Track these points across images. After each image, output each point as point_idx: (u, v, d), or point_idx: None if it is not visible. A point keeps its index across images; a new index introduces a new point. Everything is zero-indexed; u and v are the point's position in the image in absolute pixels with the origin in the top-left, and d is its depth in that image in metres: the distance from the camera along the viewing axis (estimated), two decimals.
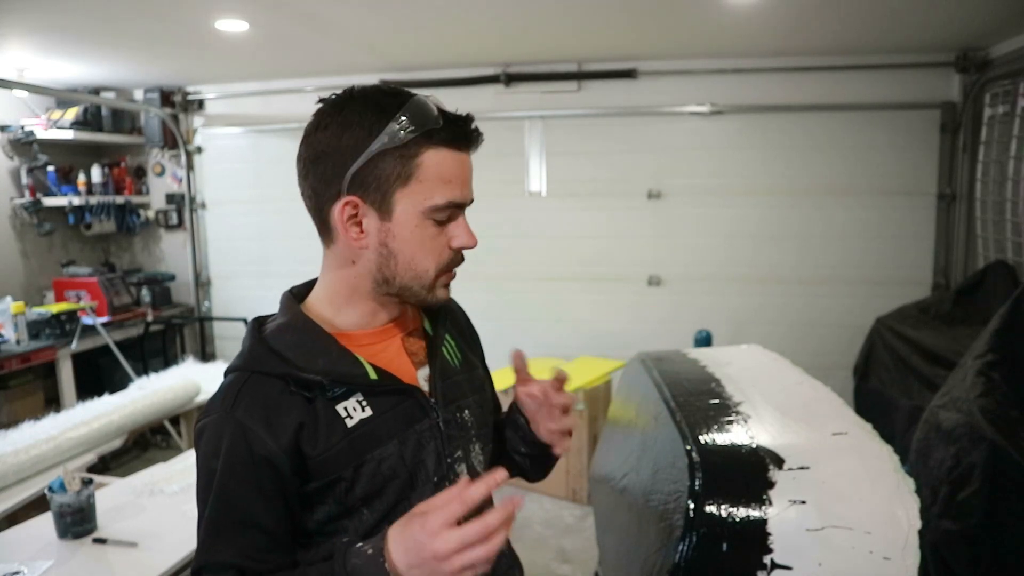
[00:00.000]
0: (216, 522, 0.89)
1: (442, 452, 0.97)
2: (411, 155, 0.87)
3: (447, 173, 0.89)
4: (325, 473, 0.89)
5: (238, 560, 0.87)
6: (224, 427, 0.88)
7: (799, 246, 4.07)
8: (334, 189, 0.89)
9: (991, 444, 1.82)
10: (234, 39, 3.39)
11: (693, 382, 1.86)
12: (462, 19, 3.19)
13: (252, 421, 0.87)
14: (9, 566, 1.70)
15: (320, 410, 0.90)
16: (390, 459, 0.92)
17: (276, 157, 4.59)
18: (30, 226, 4.28)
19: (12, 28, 3.08)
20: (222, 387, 0.93)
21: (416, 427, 0.95)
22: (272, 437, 0.87)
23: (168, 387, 3.24)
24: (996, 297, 3.00)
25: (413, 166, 0.87)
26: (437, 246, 0.92)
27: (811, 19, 3.16)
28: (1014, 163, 3.30)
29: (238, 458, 0.87)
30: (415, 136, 0.86)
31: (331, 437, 0.89)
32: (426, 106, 0.88)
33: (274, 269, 4.70)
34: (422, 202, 0.89)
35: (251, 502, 0.88)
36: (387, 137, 0.86)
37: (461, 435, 1.01)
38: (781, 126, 4.00)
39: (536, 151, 4.27)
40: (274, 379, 0.90)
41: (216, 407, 0.91)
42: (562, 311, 4.38)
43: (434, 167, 0.88)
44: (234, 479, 0.88)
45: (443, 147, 0.88)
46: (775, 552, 1.28)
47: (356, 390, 0.92)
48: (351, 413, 0.91)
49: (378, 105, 0.88)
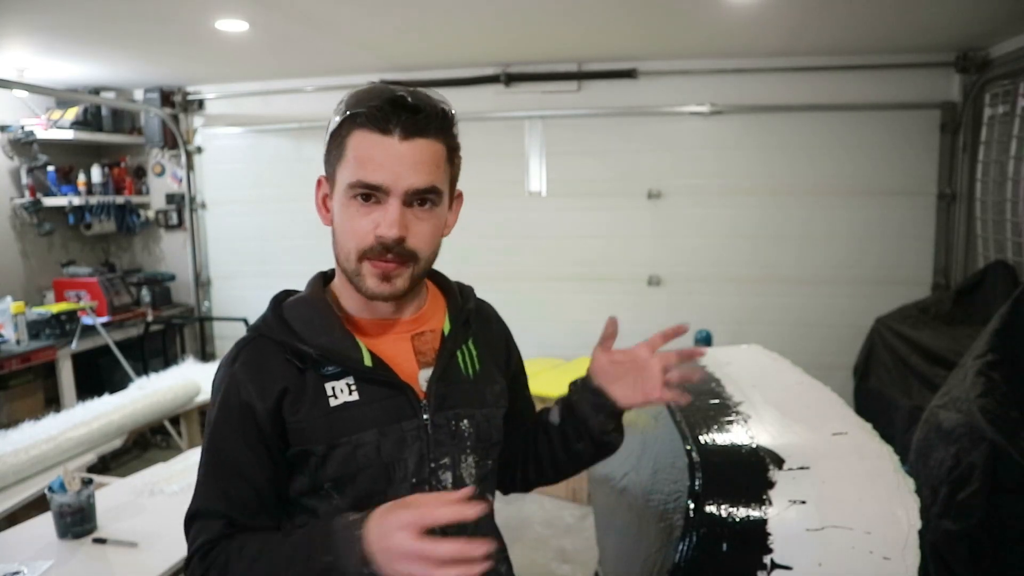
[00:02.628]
0: (209, 467, 0.96)
1: (426, 455, 0.97)
2: (344, 135, 0.93)
3: (364, 154, 0.91)
4: (299, 442, 0.94)
5: (227, 510, 0.93)
6: (223, 379, 0.97)
7: (799, 246, 4.07)
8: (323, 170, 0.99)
9: (991, 444, 1.82)
10: (234, 39, 3.39)
11: (693, 382, 1.85)
12: (462, 19, 3.19)
13: (245, 376, 0.95)
14: (9, 566, 1.70)
15: (309, 383, 0.95)
16: (366, 447, 0.94)
17: (276, 157, 4.59)
18: (30, 226, 4.28)
19: (12, 28, 3.08)
20: (233, 347, 1.01)
21: (402, 424, 0.96)
22: (258, 394, 0.94)
23: (168, 387, 3.24)
24: (996, 297, 3.00)
25: (344, 145, 0.93)
26: (360, 229, 0.92)
27: (811, 19, 3.16)
28: (1014, 163, 3.30)
29: (229, 407, 0.95)
30: (345, 117, 0.93)
31: (312, 410, 0.94)
32: (372, 92, 0.92)
33: (274, 269, 4.70)
34: (346, 179, 0.93)
35: (238, 450, 0.94)
36: (338, 118, 0.94)
37: (453, 443, 1.00)
38: (781, 126, 4.00)
39: (536, 151, 4.27)
40: (275, 344, 0.96)
41: (224, 363, 1.00)
42: (562, 311, 4.38)
43: (354, 147, 0.92)
44: (225, 426, 0.95)
45: (365, 129, 0.91)
46: (775, 552, 1.28)
47: (349, 373, 0.95)
48: (337, 394, 0.94)
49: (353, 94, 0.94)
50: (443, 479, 0.98)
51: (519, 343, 1.26)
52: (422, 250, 0.95)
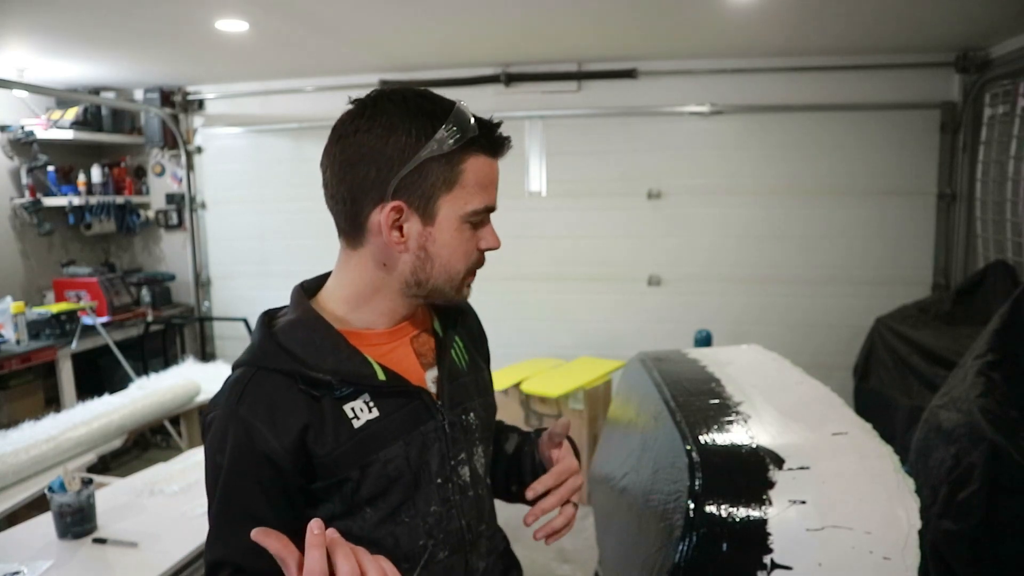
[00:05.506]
0: (220, 517, 0.90)
1: (446, 454, 0.98)
2: (456, 162, 0.89)
3: (484, 179, 0.92)
4: (332, 473, 0.90)
5: (237, 557, 0.88)
6: (229, 423, 0.89)
7: (799, 246, 4.07)
8: (376, 193, 0.89)
9: (991, 444, 1.82)
10: (234, 39, 3.39)
11: (693, 382, 1.86)
12: (462, 19, 3.19)
13: (256, 418, 0.88)
14: (9, 566, 1.70)
15: (327, 409, 0.90)
16: (396, 460, 0.92)
17: (276, 157, 4.59)
18: (30, 226, 4.28)
19: (12, 28, 3.08)
20: (229, 381, 0.93)
21: (421, 428, 0.95)
22: (275, 436, 0.88)
23: (168, 387, 3.24)
24: (996, 297, 3.00)
25: (457, 172, 0.89)
26: (470, 249, 0.94)
27: (811, 19, 3.16)
28: (1014, 163, 3.30)
29: (241, 455, 0.88)
30: (460, 143, 0.88)
31: (338, 437, 0.89)
32: (466, 113, 0.90)
33: (274, 269, 4.70)
34: (462, 207, 0.91)
35: (253, 498, 0.89)
36: (436, 144, 0.87)
37: (465, 437, 1.01)
38: (781, 126, 4.00)
39: (536, 151, 4.27)
40: (281, 376, 0.90)
41: (222, 402, 0.91)
42: (562, 311, 4.38)
43: (474, 173, 0.91)
44: (238, 475, 0.89)
45: (482, 154, 0.91)
46: (775, 552, 1.28)
47: (363, 390, 0.92)
48: (358, 414, 0.91)
49: (423, 111, 0.89)
50: (462, 474, 1.00)
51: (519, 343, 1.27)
52: None
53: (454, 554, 0.99)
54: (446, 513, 0.98)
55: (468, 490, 1.01)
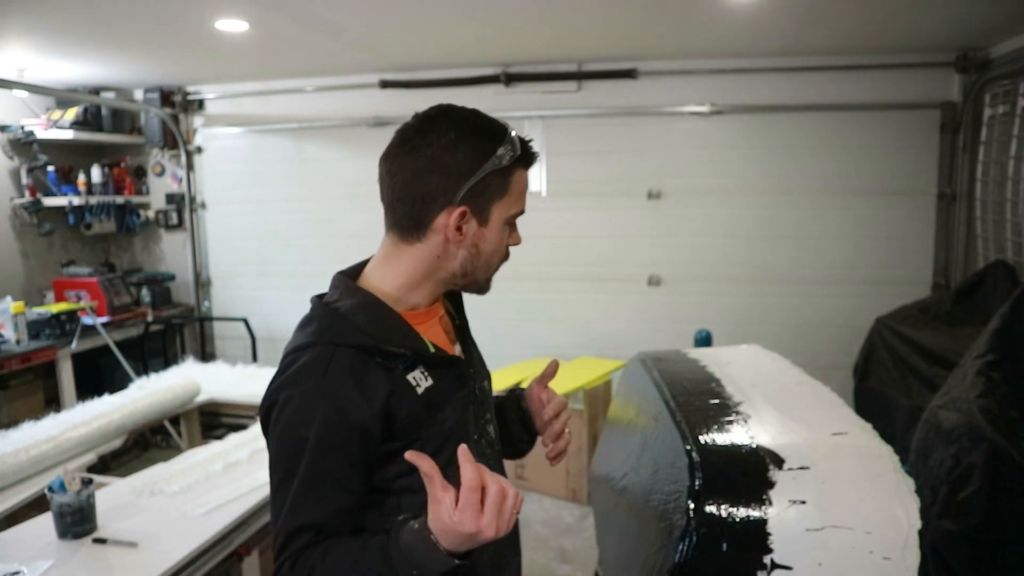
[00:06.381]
0: (304, 485, 0.97)
1: (478, 414, 1.14)
2: (508, 174, 1.05)
3: (523, 188, 1.10)
4: (408, 434, 1.01)
5: (322, 521, 0.97)
6: (317, 396, 0.97)
7: (799, 246, 4.07)
8: (445, 199, 1.02)
9: (991, 444, 1.82)
10: (234, 39, 3.39)
11: (693, 382, 1.86)
12: (462, 19, 3.19)
13: (346, 387, 0.98)
14: (9, 566, 1.70)
15: (399, 380, 1.02)
16: (449, 420, 1.06)
17: (276, 157, 4.59)
18: (30, 226, 4.28)
19: (12, 28, 3.08)
20: (305, 361, 1.00)
21: (459, 393, 1.09)
22: (367, 403, 0.98)
23: (168, 387, 3.24)
24: (996, 297, 3.00)
25: (508, 183, 1.06)
26: (504, 246, 1.11)
27: (811, 19, 3.16)
28: (1014, 163, 3.30)
29: (332, 426, 0.97)
30: (518, 159, 1.05)
31: (410, 403, 1.02)
32: (514, 135, 1.06)
33: (274, 269, 4.70)
34: (508, 211, 1.07)
35: (341, 467, 0.98)
36: (497, 160, 1.03)
37: (487, 402, 1.19)
38: (781, 126, 4.00)
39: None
40: (356, 351, 1.00)
41: (302, 378, 0.99)
42: (562, 311, 4.38)
43: (518, 184, 1.08)
44: (327, 446, 0.97)
45: (523, 168, 1.08)
46: (775, 552, 1.28)
47: (419, 362, 1.04)
48: (419, 382, 1.03)
49: (487, 131, 1.04)
50: (489, 432, 1.17)
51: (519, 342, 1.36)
52: None
53: None
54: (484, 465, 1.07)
55: (495, 444, 1.19)
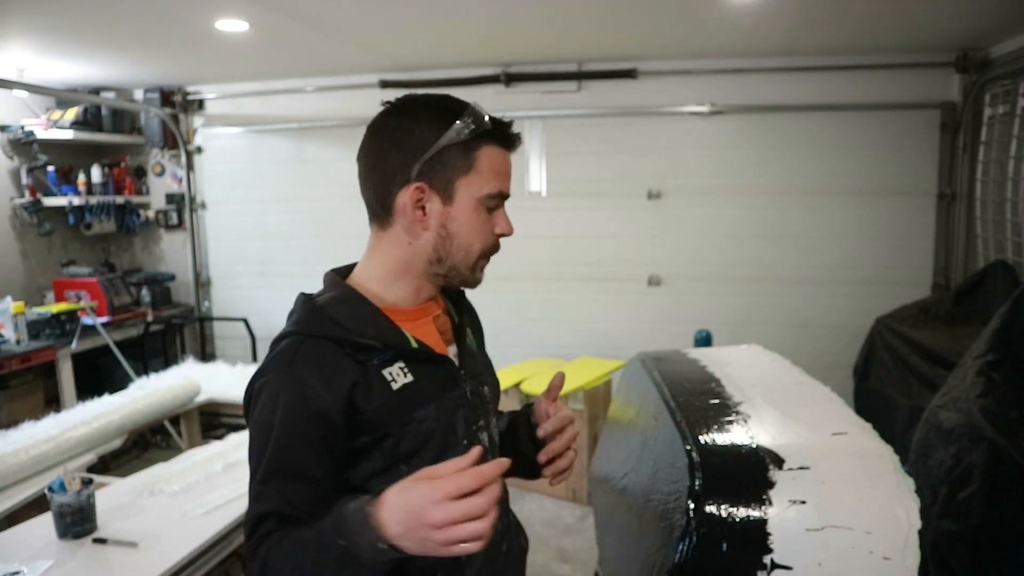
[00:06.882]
0: (268, 472, 0.97)
1: (469, 419, 1.08)
2: (471, 149, 1.02)
3: (497, 167, 1.05)
4: (376, 429, 0.99)
5: (280, 507, 0.95)
6: (282, 384, 0.98)
7: (799, 246, 4.07)
8: (403, 176, 1.02)
9: (991, 444, 1.82)
10: (234, 39, 3.39)
11: (693, 382, 1.86)
12: (462, 19, 3.19)
13: (309, 376, 0.97)
14: (9, 566, 1.70)
15: (371, 372, 1.00)
16: (428, 420, 1.02)
17: (276, 157, 4.59)
18: (30, 226, 4.28)
19: (12, 28, 3.08)
20: (278, 350, 1.01)
21: (449, 394, 1.06)
22: (329, 392, 0.97)
23: (168, 387, 3.24)
24: (996, 297, 3.00)
25: (473, 159, 1.02)
26: (485, 231, 1.07)
27: (811, 19, 3.16)
28: (1014, 163, 3.30)
29: (294, 413, 0.96)
30: (475, 134, 1.01)
31: (381, 397, 1.00)
32: (481, 110, 1.03)
33: (274, 269, 4.70)
34: (479, 190, 1.03)
35: (303, 454, 0.97)
36: (454, 133, 1.00)
37: (483, 406, 1.12)
38: (781, 126, 4.00)
39: (536, 151, 4.27)
40: (328, 342, 1.00)
41: (272, 367, 1.00)
42: (562, 311, 4.38)
43: (488, 161, 1.03)
44: (289, 432, 0.96)
45: (495, 145, 1.04)
46: (775, 552, 1.28)
47: (399, 357, 1.02)
48: (395, 377, 1.01)
49: (444, 107, 1.02)
50: (482, 439, 1.10)
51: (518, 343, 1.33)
52: None
53: None
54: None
55: (488, 454, 1.09)
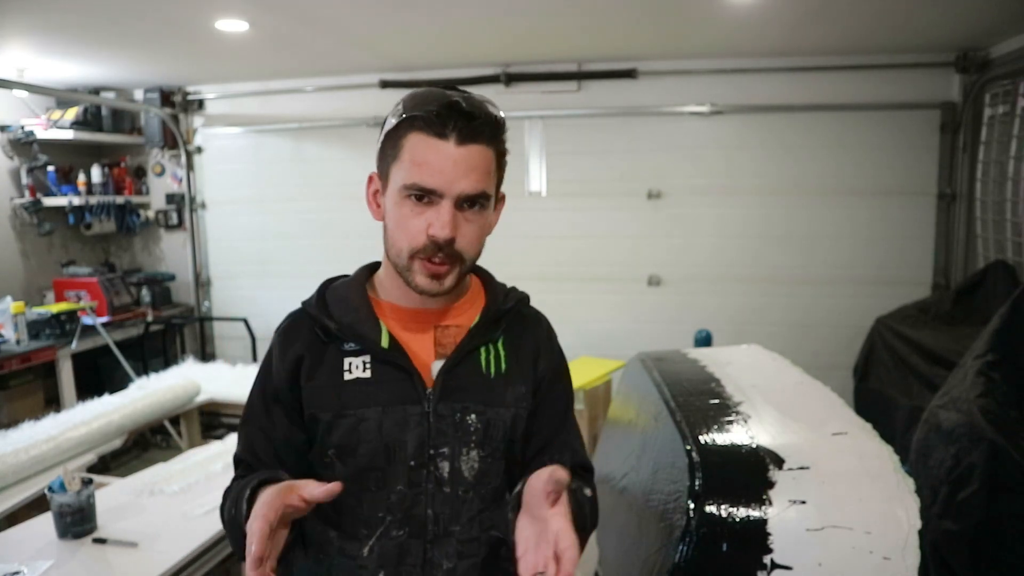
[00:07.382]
0: (244, 418, 1.09)
1: (426, 441, 1.00)
2: (399, 136, 0.96)
3: (419, 157, 0.94)
4: (310, 407, 1.02)
5: (245, 454, 1.07)
6: (270, 346, 1.09)
7: (799, 246, 4.07)
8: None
9: (991, 444, 1.82)
10: (234, 39, 3.39)
11: (693, 382, 1.86)
12: (462, 19, 3.19)
13: (279, 343, 1.07)
14: (9, 566, 1.70)
15: (329, 355, 1.03)
16: (368, 423, 1.00)
17: (276, 157, 4.58)
18: (30, 226, 4.27)
19: (12, 28, 3.08)
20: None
21: (406, 407, 1.00)
22: (280, 358, 1.05)
23: (168, 387, 3.24)
24: (996, 297, 3.00)
25: (400, 146, 0.96)
26: (412, 228, 0.96)
27: (811, 19, 3.16)
28: (1014, 163, 3.30)
29: (264, 370, 1.08)
30: (402, 119, 0.95)
31: (325, 379, 1.02)
32: (429, 95, 0.95)
33: (274, 269, 4.70)
34: (401, 179, 0.96)
35: (261, 408, 1.06)
36: (393, 119, 0.97)
37: (456, 435, 1.01)
38: (781, 126, 4.00)
39: (536, 151, 4.27)
40: (308, 318, 1.06)
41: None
42: (562, 311, 4.33)
43: (410, 150, 0.95)
44: (259, 386, 1.08)
45: (422, 132, 0.94)
46: (775, 552, 1.28)
47: (367, 352, 1.02)
48: (352, 369, 1.01)
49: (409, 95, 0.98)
50: (441, 467, 1.01)
51: None
52: (468, 251, 0.99)
53: (412, 538, 1.01)
54: (413, 497, 1.01)
55: (445, 485, 1.01)
